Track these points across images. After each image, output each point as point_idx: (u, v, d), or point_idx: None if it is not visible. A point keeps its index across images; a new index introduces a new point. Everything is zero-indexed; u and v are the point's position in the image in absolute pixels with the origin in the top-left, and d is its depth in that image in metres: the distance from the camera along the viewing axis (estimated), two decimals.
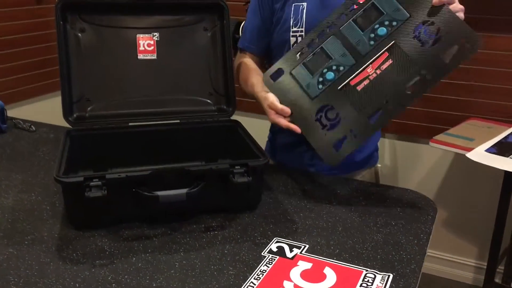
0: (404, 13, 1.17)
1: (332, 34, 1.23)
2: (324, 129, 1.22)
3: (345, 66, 1.22)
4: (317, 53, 1.24)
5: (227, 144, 1.40)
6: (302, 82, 1.25)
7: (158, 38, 1.40)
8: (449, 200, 2.21)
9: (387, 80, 1.18)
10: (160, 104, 1.40)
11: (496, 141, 1.71)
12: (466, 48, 1.12)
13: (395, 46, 1.18)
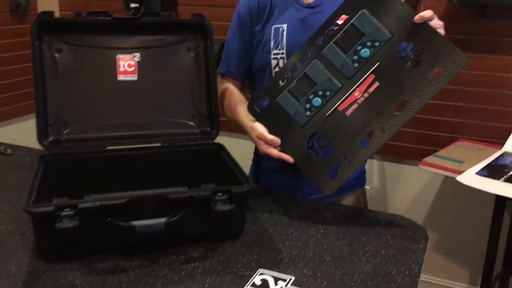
0: (385, 33, 1.14)
1: (314, 58, 1.20)
2: (317, 157, 1.18)
3: (331, 91, 1.18)
4: (301, 79, 1.21)
5: (210, 168, 1.34)
6: (289, 109, 1.21)
7: (139, 58, 1.35)
8: (440, 223, 2.16)
9: (375, 103, 1.14)
10: (140, 127, 1.34)
11: (486, 163, 1.68)
12: (452, 66, 1.09)
13: (380, 68, 1.14)
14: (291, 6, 1.38)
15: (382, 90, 1.14)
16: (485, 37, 1.89)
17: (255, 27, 1.41)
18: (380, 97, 1.14)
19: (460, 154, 1.81)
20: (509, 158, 1.75)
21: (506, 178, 1.56)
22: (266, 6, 1.40)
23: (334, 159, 1.16)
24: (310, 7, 1.36)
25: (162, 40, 1.37)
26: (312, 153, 1.19)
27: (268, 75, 1.39)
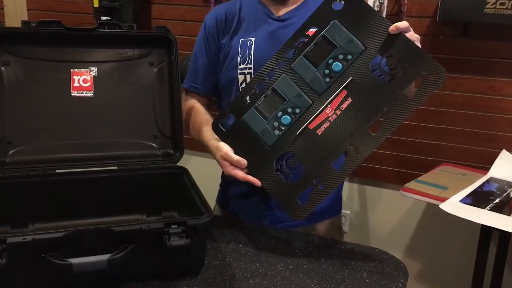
0: (358, 45, 1.05)
1: (283, 73, 1.10)
2: (286, 180, 1.08)
3: (301, 108, 1.08)
4: (268, 95, 1.11)
5: (172, 194, 1.22)
6: (256, 128, 1.11)
7: (96, 73, 1.24)
8: (422, 252, 2.06)
9: (349, 121, 1.05)
10: (95, 148, 1.23)
11: (471, 190, 1.58)
12: (430, 81, 1.00)
13: (353, 83, 1.05)
14: (260, 19, 1.29)
15: (355, 107, 1.05)
16: (469, 57, 1.81)
17: (222, 40, 1.31)
18: (354, 114, 1.05)
19: (443, 180, 1.71)
20: (494, 184, 1.66)
21: (491, 206, 1.47)
22: (234, 18, 1.31)
23: (304, 183, 1.06)
24: (280, 20, 1.27)
25: (122, 54, 1.26)
26: (281, 176, 1.08)
27: (235, 91, 1.29)
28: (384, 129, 1.03)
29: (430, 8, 1.81)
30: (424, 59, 1.01)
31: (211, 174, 1.47)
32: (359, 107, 1.04)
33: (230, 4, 1.34)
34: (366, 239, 2.13)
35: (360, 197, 2.10)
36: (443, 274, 2.02)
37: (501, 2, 1.62)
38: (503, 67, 1.76)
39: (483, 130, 1.84)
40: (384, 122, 1.03)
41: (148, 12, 2.24)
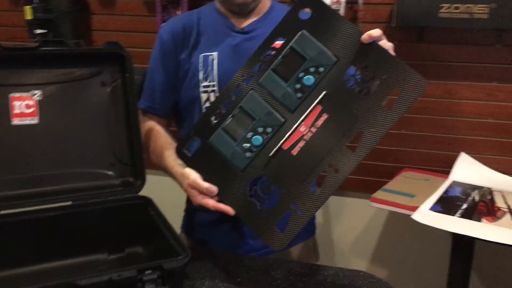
0: (330, 56, 0.98)
1: (250, 89, 1.01)
2: (262, 206, 0.99)
3: (273, 126, 1.00)
4: (236, 114, 1.02)
5: (136, 228, 1.10)
6: (225, 151, 1.01)
7: (40, 97, 1.10)
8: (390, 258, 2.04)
9: (325, 138, 0.97)
10: (44, 182, 1.09)
11: (438, 197, 1.57)
12: (409, 92, 0.95)
13: (327, 97, 0.98)
14: (222, 32, 1.19)
15: (331, 123, 0.97)
16: (424, 62, 1.81)
17: (180, 55, 1.20)
18: (330, 131, 0.97)
19: (409, 187, 1.69)
20: (458, 188, 1.66)
21: (461, 213, 1.46)
22: (192, 31, 1.20)
23: (282, 208, 0.98)
24: (243, 32, 1.19)
25: (69, 74, 1.13)
26: (256, 202, 0.99)
27: (198, 111, 1.19)
28: (364, 146, 0.96)
29: (384, 13, 1.79)
30: (401, 68, 0.95)
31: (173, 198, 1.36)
32: (336, 123, 0.97)
33: (187, 15, 1.24)
34: (334, 251, 2.08)
35: (323, 208, 2.05)
36: (417, 280, 2.00)
37: (455, 6, 1.62)
38: (459, 70, 1.77)
39: (442, 134, 1.85)
40: (363, 138, 0.96)
41: (88, 23, 2.08)
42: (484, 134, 1.81)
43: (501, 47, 1.70)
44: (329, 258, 2.07)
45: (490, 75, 1.76)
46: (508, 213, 1.46)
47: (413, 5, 1.66)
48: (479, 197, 1.58)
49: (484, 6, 1.60)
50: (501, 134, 1.80)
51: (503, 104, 1.77)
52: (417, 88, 0.94)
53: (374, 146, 0.96)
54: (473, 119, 1.81)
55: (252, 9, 1.19)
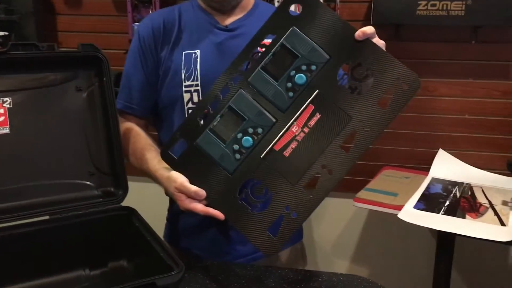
0: (322, 54, 0.95)
1: (239, 88, 0.97)
2: (253, 210, 0.95)
3: (263, 127, 0.96)
4: (225, 114, 0.97)
5: (119, 241, 1.04)
6: (213, 153, 0.97)
7: (10, 104, 1.02)
8: (373, 257, 2.04)
9: (318, 139, 0.94)
10: (18, 195, 1.01)
11: (420, 194, 1.57)
12: (403, 90, 0.93)
13: (320, 96, 0.95)
14: (205, 28, 1.14)
15: (325, 123, 0.94)
16: (402, 59, 1.77)
17: (160, 53, 1.15)
18: (324, 131, 0.94)
19: (391, 185, 1.69)
20: (438, 185, 1.66)
21: (445, 210, 1.46)
22: (174, 27, 1.15)
23: (274, 211, 0.94)
24: (228, 30, 1.14)
25: (42, 79, 1.05)
26: (247, 206, 0.95)
27: (180, 111, 1.14)
28: (358, 146, 0.94)
29: (361, 11, 1.78)
30: (396, 66, 0.93)
31: (153, 206, 1.30)
32: (329, 123, 0.94)
33: (168, 11, 1.18)
34: (316, 253, 2.06)
35: None
36: (401, 277, 2.00)
37: (432, 3, 1.63)
38: (436, 67, 1.78)
39: (420, 131, 1.85)
40: (358, 138, 0.93)
41: (53, 24, 1.98)
42: (461, 130, 1.83)
43: (477, 43, 1.72)
44: (312, 259, 2.05)
45: (466, 71, 1.77)
46: (490, 209, 1.47)
47: (391, 3, 1.66)
48: (460, 193, 1.59)
49: (460, 3, 1.60)
50: (477, 130, 1.82)
51: (479, 100, 1.79)
52: (412, 86, 0.93)
53: (369, 146, 0.94)
54: (450, 116, 1.83)
55: (234, 6, 1.14)
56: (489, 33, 1.70)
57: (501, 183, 1.66)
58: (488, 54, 1.74)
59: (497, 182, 1.67)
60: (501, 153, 1.82)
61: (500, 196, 1.55)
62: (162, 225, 1.30)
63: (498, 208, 1.47)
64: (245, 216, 0.95)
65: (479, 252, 1.88)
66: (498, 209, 1.46)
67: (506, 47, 1.72)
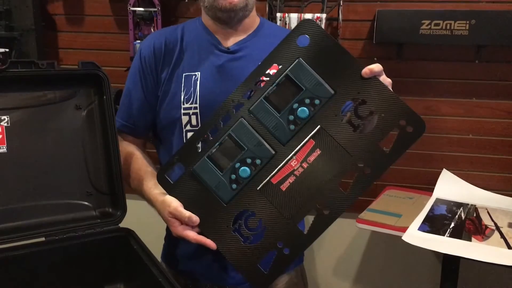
0: (327, 89, 0.93)
1: (240, 117, 0.95)
2: (246, 242, 0.93)
3: (262, 158, 0.94)
4: (224, 142, 0.96)
5: (116, 263, 1.01)
6: (210, 181, 0.95)
7: (8, 123, 1.00)
8: (375, 280, 2.00)
9: (316, 176, 0.92)
10: (14, 216, 0.99)
11: (424, 216, 1.54)
12: (408, 133, 0.90)
13: (322, 132, 0.93)
14: (206, 50, 1.13)
15: (324, 160, 0.92)
16: (404, 78, 1.79)
17: (161, 74, 1.13)
18: (323, 168, 0.92)
19: (394, 206, 1.66)
20: (443, 206, 1.64)
21: (450, 232, 1.43)
22: (175, 48, 1.13)
23: (267, 246, 0.93)
24: (229, 51, 1.12)
25: (41, 97, 1.04)
26: (240, 238, 0.94)
27: (178, 133, 1.12)
28: (357, 187, 0.92)
29: (364, 30, 1.77)
30: (402, 108, 0.91)
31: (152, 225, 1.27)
32: (329, 160, 0.92)
33: (171, 30, 1.17)
34: (317, 274, 2.03)
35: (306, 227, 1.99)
36: None
37: (436, 23, 1.62)
38: (439, 87, 1.77)
39: (423, 151, 1.83)
40: (357, 179, 0.91)
41: (54, 41, 1.97)
42: (464, 150, 1.81)
43: (480, 63, 1.71)
44: (313, 281, 2.01)
45: (469, 91, 1.76)
46: (496, 231, 1.45)
47: (393, 22, 1.65)
48: (465, 215, 1.56)
49: (464, 23, 1.60)
50: (481, 150, 1.80)
51: (482, 120, 1.78)
52: (417, 130, 0.91)
53: (368, 188, 0.92)
54: (453, 135, 1.81)
55: (240, 19, 1.12)
56: (493, 53, 1.69)
57: (506, 205, 1.63)
58: (491, 73, 1.72)
59: (502, 204, 1.64)
60: (505, 174, 1.80)
61: (506, 218, 1.52)
62: (161, 245, 1.27)
63: (504, 230, 1.44)
64: (237, 248, 0.93)
65: (485, 275, 1.83)
66: (504, 231, 1.44)
67: (510, 66, 1.71)
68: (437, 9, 1.65)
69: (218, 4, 1.07)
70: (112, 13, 1.91)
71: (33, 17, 1.87)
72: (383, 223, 1.51)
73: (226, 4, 1.06)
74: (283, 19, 1.67)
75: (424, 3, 1.71)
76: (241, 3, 1.07)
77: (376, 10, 1.68)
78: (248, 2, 1.09)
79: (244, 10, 1.10)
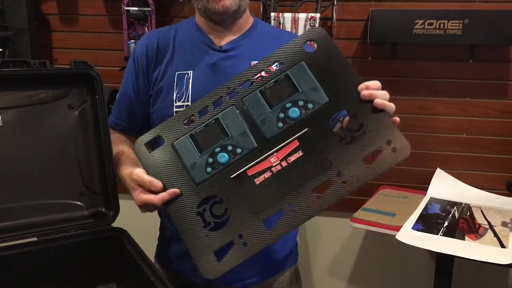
0: (322, 95, 0.93)
1: (232, 104, 0.95)
2: (206, 228, 0.91)
3: (243, 148, 0.94)
4: (210, 125, 0.95)
5: (109, 263, 1.01)
6: (186, 159, 0.94)
7: (0, 122, 0.99)
8: (370, 278, 2.01)
9: (293, 176, 0.91)
10: (5, 216, 0.98)
11: (418, 215, 1.54)
12: (391, 154, 0.90)
13: (308, 135, 0.92)
14: (199, 49, 1.13)
15: (304, 163, 0.91)
16: (398, 78, 1.80)
17: (153, 73, 1.14)
18: (301, 171, 0.91)
19: (388, 205, 1.66)
20: (436, 205, 1.64)
21: (444, 231, 1.43)
22: (168, 48, 1.14)
23: (226, 235, 0.90)
24: (222, 50, 1.12)
25: (33, 97, 1.03)
26: (201, 221, 0.91)
27: None
28: (330, 196, 0.90)
29: (358, 29, 1.77)
30: (391, 129, 0.91)
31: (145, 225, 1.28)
32: (309, 164, 0.91)
33: (164, 30, 1.17)
34: (312, 274, 2.03)
35: (301, 228, 1.99)
36: None
37: (429, 22, 1.62)
38: (433, 86, 1.77)
39: (417, 150, 1.82)
40: (332, 188, 0.90)
41: (48, 41, 1.97)
42: (458, 150, 1.82)
43: (474, 62, 1.71)
44: (307, 281, 2.01)
45: (463, 90, 1.76)
46: (489, 230, 1.45)
47: (387, 21, 1.65)
48: (458, 214, 1.56)
49: (457, 22, 1.60)
50: (475, 149, 1.80)
51: (476, 119, 1.78)
52: (401, 153, 0.90)
53: (340, 200, 0.90)
54: (447, 135, 1.81)
55: (234, 20, 1.12)
56: (486, 52, 1.70)
57: (499, 204, 1.64)
58: (485, 73, 1.73)
59: (495, 203, 1.65)
60: (498, 173, 1.80)
61: (500, 217, 1.53)
62: (154, 245, 1.27)
63: (498, 229, 1.44)
64: (195, 231, 0.91)
65: (479, 274, 1.85)
66: (497, 230, 1.44)
67: (503, 66, 1.72)
68: (431, 9, 1.66)
69: (211, 7, 1.08)
70: (106, 13, 1.91)
71: (27, 16, 1.86)
72: (377, 222, 1.51)
73: (219, 7, 1.07)
74: (277, 19, 1.67)
75: (417, 3, 1.71)
76: (234, 6, 1.08)
77: (370, 10, 1.68)
78: (241, 4, 1.09)
79: (237, 12, 1.10)
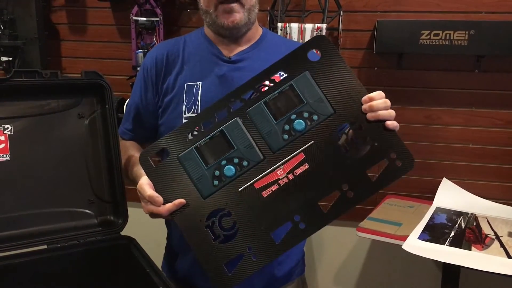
0: (327, 107, 0.93)
1: (236, 116, 0.94)
2: (216, 240, 0.91)
3: (250, 161, 0.93)
4: (215, 137, 0.94)
5: (118, 271, 1.02)
6: (192, 172, 0.94)
7: (11, 132, 1.01)
8: None
9: (300, 189, 0.91)
10: (16, 224, 1.00)
11: (424, 225, 1.54)
12: (396, 167, 0.90)
13: (313, 148, 0.92)
14: (208, 60, 1.14)
15: (311, 176, 0.91)
16: (404, 88, 1.80)
17: (162, 85, 1.14)
18: (307, 183, 0.91)
19: (394, 215, 1.66)
20: (443, 215, 1.64)
21: (450, 241, 1.43)
22: (177, 59, 1.15)
23: (236, 248, 0.90)
24: (231, 61, 1.13)
25: (44, 106, 1.05)
26: (211, 234, 0.91)
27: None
28: (336, 209, 0.90)
29: (364, 40, 1.79)
30: (396, 142, 0.91)
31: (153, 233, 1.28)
32: (315, 176, 0.91)
33: (173, 42, 1.18)
34: (320, 283, 2.03)
35: None
36: None
37: (435, 33, 1.63)
38: (439, 96, 1.78)
39: (423, 160, 1.83)
40: (338, 201, 0.90)
41: (57, 50, 1.99)
42: (464, 159, 1.82)
43: (480, 72, 1.72)
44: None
45: (469, 100, 1.77)
46: (496, 240, 1.45)
47: (393, 32, 1.67)
48: (465, 224, 1.56)
49: (463, 33, 1.61)
50: (481, 159, 1.80)
51: (482, 129, 1.78)
52: (405, 165, 0.90)
53: (346, 212, 0.90)
54: (453, 144, 1.81)
55: (242, 34, 1.13)
56: (493, 63, 1.70)
57: (506, 214, 1.64)
58: (491, 83, 1.74)
59: (502, 213, 1.65)
60: (505, 183, 1.80)
61: (506, 227, 1.53)
62: (162, 253, 1.28)
63: (504, 239, 1.44)
64: (206, 244, 0.91)
65: (486, 284, 1.84)
66: (504, 240, 1.44)
67: (510, 76, 1.72)
68: (437, 19, 1.67)
69: (220, 22, 1.08)
70: (114, 23, 1.93)
71: (37, 26, 1.89)
72: (383, 232, 1.51)
73: (229, 23, 1.08)
74: (284, 29, 1.68)
75: (423, 14, 1.72)
76: (243, 20, 1.08)
77: (376, 20, 1.69)
78: (250, 17, 1.10)
79: (247, 25, 1.11)
